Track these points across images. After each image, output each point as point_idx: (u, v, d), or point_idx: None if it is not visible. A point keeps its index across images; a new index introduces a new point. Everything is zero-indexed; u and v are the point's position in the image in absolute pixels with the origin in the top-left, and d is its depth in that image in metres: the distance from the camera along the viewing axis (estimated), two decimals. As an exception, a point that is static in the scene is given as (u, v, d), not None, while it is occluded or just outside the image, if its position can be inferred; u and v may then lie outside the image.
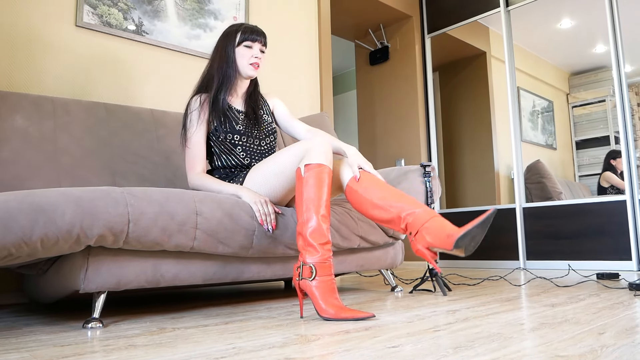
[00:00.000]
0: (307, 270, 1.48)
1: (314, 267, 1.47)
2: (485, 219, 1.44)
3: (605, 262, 3.37)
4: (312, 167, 1.59)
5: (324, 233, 1.52)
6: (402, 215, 1.57)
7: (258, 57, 1.92)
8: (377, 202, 1.63)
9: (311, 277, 1.46)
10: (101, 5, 2.45)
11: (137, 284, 1.51)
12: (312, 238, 1.50)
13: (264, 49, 1.95)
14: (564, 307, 1.60)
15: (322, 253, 1.49)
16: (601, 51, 3.63)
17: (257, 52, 1.92)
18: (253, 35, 1.91)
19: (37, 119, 1.98)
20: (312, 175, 1.58)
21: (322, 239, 1.51)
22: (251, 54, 1.91)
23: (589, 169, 3.69)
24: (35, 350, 1.11)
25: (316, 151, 1.61)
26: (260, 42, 1.93)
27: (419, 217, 1.54)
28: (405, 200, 1.60)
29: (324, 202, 1.56)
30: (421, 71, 4.52)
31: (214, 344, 1.13)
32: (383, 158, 4.66)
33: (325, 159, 1.61)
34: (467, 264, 4.11)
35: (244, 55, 1.90)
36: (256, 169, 1.80)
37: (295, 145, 1.70)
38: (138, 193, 1.47)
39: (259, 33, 1.92)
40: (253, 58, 1.91)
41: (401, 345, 1.07)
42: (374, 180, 1.69)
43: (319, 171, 1.58)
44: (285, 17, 3.35)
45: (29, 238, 1.25)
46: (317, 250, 1.49)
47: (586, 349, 1.00)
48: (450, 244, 1.45)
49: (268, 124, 1.98)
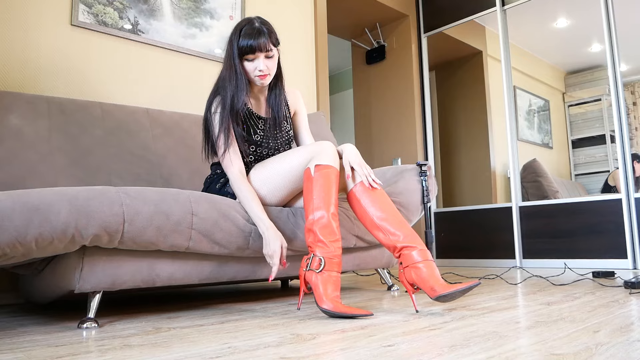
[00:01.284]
0: (316, 261, 1.51)
1: (324, 259, 1.50)
2: (469, 287, 1.46)
3: (601, 260, 3.38)
4: (322, 167, 1.63)
5: (334, 230, 1.56)
6: (399, 246, 1.58)
7: (262, 70, 1.72)
8: (377, 222, 1.64)
9: (319, 268, 1.49)
10: (97, 4, 2.44)
11: (132, 284, 1.51)
12: (322, 234, 1.54)
13: (270, 53, 1.73)
14: (559, 305, 1.61)
15: (333, 249, 1.53)
16: (597, 50, 3.63)
17: (260, 64, 1.72)
18: (251, 43, 1.69)
19: (32, 119, 1.97)
20: (322, 175, 1.62)
21: (332, 237, 1.55)
22: (255, 67, 1.73)
23: (585, 168, 3.69)
24: (30, 351, 1.10)
25: (325, 153, 1.66)
26: (263, 50, 1.71)
27: (413, 256, 1.54)
28: (404, 230, 1.60)
29: (334, 201, 1.61)
30: (417, 70, 4.52)
31: (210, 344, 1.13)
32: (379, 157, 4.66)
33: (334, 161, 1.66)
34: (463, 262, 4.12)
35: (249, 70, 1.74)
36: (261, 166, 1.78)
37: (303, 147, 1.72)
38: (133, 193, 1.46)
39: (260, 36, 1.69)
40: (257, 71, 1.73)
41: (397, 344, 1.07)
42: (375, 195, 1.68)
43: (328, 172, 1.63)
44: (282, 16, 3.35)
45: (24, 238, 1.24)
46: (328, 246, 1.53)
47: (581, 347, 1.00)
48: (432, 295, 1.47)
49: (286, 132, 1.91)
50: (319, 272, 1.49)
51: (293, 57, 3.38)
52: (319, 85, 3.48)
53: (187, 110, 2.74)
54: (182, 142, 2.36)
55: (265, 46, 1.71)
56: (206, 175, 2.34)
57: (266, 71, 1.74)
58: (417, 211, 2.19)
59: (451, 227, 4.24)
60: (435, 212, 4.36)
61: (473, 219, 4.10)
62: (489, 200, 4.14)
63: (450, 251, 4.23)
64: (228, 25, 2.97)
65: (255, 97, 1.88)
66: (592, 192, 3.62)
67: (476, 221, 4.08)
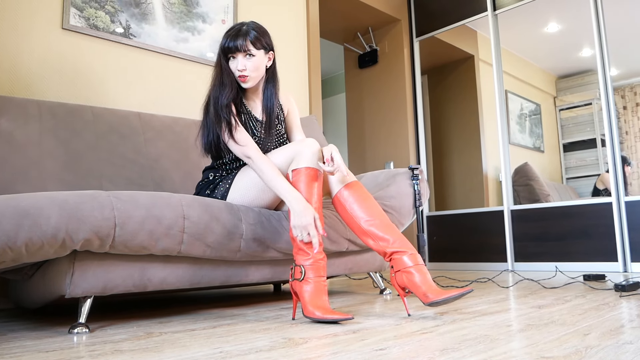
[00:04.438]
0: (297, 271, 1.51)
1: (304, 268, 1.50)
2: (461, 294, 1.46)
3: (591, 263, 3.40)
4: (300, 171, 1.61)
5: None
6: (388, 252, 1.58)
7: (242, 70, 1.75)
8: (365, 227, 1.63)
9: (301, 277, 1.49)
10: (88, 8, 2.43)
11: (123, 289, 1.50)
12: (302, 242, 1.52)
13: (250, 51, 1.74)
14: (550, 308, 1.61)
15: (313, 255, 1.52)
16: (587, 55, 3.66)
17: (240, 64, 1.74)
18: (230, 44, 1.73)
19: (23, 122, 1.96)
20: (300, 180, 1.60)
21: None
22: (234, 67, 1.76)
23: (576, 172, 3.72)
24: (20, 356, 1.10)
25: (305, 154, 1.63)
26: (241, 50, 1.74)
27: (404, 261, 1.54)
28: (392, 234, 1.60)
29: (315, 204, 1.59)
30: (410, 74, 4.54)
31: (201, 348, 1.13)
32: (372, 161, 4.67)
33: (313, 162, 1.62)
34: (455, 266, 4.13)
35: (232, 69, 1.77)
36: (245, 170, 1.79)
37: (285, 148, 1.71)
38: (124, 197, 1.46)
39: (237, 38, 1.73)
40: (237, 71, 1.76)
41: (388, 348, 1.07)
42: (361, 198, 1.67)
43: (307, 174, 1.60)
44: (274, 20, 3.35)
45: (14, 243, 1.23)
46: (307, 252, 1.52)
47: (571, 350, 1.01)
48: (425, 301, 1.47)
49: (280, 135, 1.91)
50: (302, 281, 1.49)
51: (286, 61, 3.39)
52: (311, 89, 3.48)
53: (179, 114, 2.74)
54: (174, 145, 2.36)
55: (242, 47, 1.73)
56: (198, 180, 2.33)
57: (244, 72, 1.75)
58: (409, 215, 2.20)
59: (443, 231, 4.25)
60: (427, 215, 4.37)
61: (465, 223, 4.12)
62: (481, 203, 4.16)
63: (442, 255, 4.24)
64: (220, 29, 2.97)
65: (252, 99, 1.89)
66: (583, 195, 3.65)
67: (468, 225, 4.09)
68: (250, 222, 1.69)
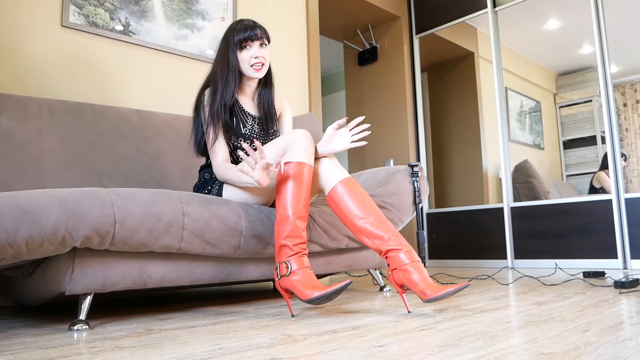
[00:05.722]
0: (282, 267, 1.52)
1: (288, 262, 1.51)
2: (459, 289, 1.46)
3: (591, 260, 3.40)
4: (291, 166, 1.60)
5: (299, 234, 1.55)
6: (384, 250, 1.57)
7: (258, 57, 1.81)
8: (359, 224, 1.61)
9: (287, 272, 1.49)
10: (87, 5, 2.43)
11: (123, 286, 1.50)
12: (286, 240, 1.53)
13: (265, 42, 1.83)
14: (550, 305, 1.62)
15: (297, 251, 1.53)
16: (587, 52, 3.66)
17: (255, 51, 1.81)
18: (248, 33, 1.80)
19: (23, 120, 1.96)
20: (290, 175, 1.59)
21: (297, 240, 1.54)
22: (250, 55, 1.81)
23: (576, 169, 3.72)
24: (20, 353, 1.10)
25: (296, 147, 1.62)
26: (259, 38, 1.81)
27: (401, 258, 1.54)
28: (386, 230, 1.59)
29: (303, 201, 1.58)
30: (410, 71, 4.53)
31: (201, 345, 1.13)
32: (372, 158, 4.67)
33: (305, 156, 1.61)
34: (455, 263, 4.13)
35: (245, 59, 1.81)
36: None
37: (277, 141, 1.70)
38: (124, 194, 1.46)
39: (255, 29, 1.81)
40: (253, 59, 1.81)
41: (388, 345, 1.07)
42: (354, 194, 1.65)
43: (298, 170, 1.59)
44: (274, 17, 3.35)
45: (14, 240, 1.24)
46: (292, 249, 1.53)
47: (570, 347, 1.01)
48: (424, 298, 1.47)
49: (274, 133, 1.93)
50: (289, 275, 1.49)
51: (285, 59, 3.38)
52: (311, 87, 3.48)
53: (178, 112, 2.74)
54: (173, 143, 2.36)
55: (262, 35, 1.83)
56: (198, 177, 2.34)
57: (261, 59, 1.82)
58: (408, 212, 2.20)
59: (443, 228, 4.25)
60: (427, 212, 4.38)
61: (465, 220, 4.12)
62: (481, 201, 4.16)
63: (442, 252, 4.24)
64: (220, 26, 2.97)
65: (246, 95, 1.93)
66: (583, 192, 3.65)
67: (468, 222, 4.10)
68: (250, 219, 1.69)
